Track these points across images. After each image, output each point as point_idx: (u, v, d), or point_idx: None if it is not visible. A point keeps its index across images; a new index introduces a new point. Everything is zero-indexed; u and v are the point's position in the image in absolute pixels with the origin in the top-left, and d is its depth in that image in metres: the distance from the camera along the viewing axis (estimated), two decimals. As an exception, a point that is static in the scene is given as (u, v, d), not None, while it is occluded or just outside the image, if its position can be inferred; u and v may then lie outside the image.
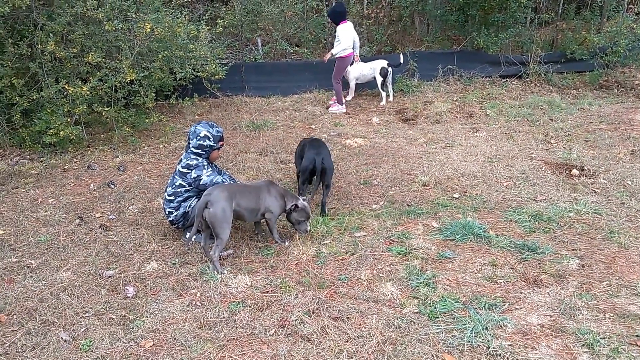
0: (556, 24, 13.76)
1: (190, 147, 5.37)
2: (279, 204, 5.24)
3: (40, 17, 7.62)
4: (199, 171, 5.30)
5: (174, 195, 5.38)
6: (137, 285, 4.63)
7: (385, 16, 14.01)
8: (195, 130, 5.34)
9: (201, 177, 5.29)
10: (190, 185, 5.34)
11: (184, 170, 5.33)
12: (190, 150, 5.39)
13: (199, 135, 5.32)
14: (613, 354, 3.52)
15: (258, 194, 5.16)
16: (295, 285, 4.53)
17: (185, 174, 5.32)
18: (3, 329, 4.07)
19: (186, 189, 5.36)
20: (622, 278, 4.40)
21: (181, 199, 5.38)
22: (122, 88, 8.23)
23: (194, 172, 5.30)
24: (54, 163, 7.75)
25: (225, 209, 4.79)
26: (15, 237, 5.59)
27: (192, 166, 5.31)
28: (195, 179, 5.30)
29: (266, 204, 5.18)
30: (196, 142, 5.33)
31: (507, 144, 8.16)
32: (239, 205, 4.94)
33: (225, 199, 4.81)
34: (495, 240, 5.09)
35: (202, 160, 5.39)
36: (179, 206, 5.39)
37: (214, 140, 5.38)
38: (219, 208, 4.76)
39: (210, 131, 5.37)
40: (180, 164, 5.40)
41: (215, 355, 3.70)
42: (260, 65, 12.02)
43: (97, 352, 3.78)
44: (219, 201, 4.78)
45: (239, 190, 5.07)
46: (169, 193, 5.40)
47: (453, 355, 3.58)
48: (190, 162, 5.32)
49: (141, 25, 7.79)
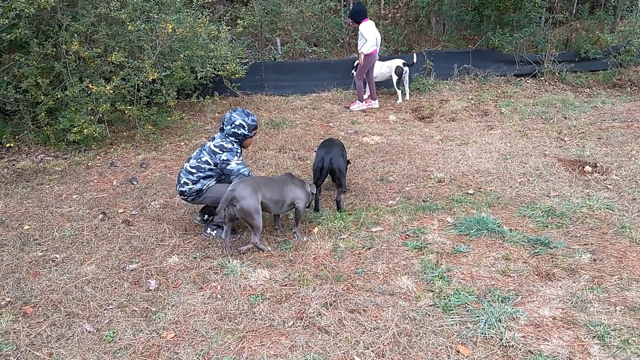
0: (570, 24, 13.71)
1: (226, 131, 5.38)
2: (305, 192, 5.43)
3: (64, 17, 7.72)
4: (231, 156, 5.29)
5: (197, 169, 5.33)
6: (159, 279, 4.72)
7: (402, 16, 14.05)
8: (231, 117, 5.35)
9: (230, 162, 5.28)
10: (216, 166, 5.32)
11: (216, 150, 5.31)
12: (225, 134, 5.39)
13: (234, 123, 5.33)
14: (623, 345, 3.56)
15: (282, 185, 5.29)
16: (313, 278, 4.60)
17: (216, 154, 5.30)
18: (29, 321, 4.17)
19: (210, 167, 5.32)
20: (633, 272, 4.44)
21: (202, 175, 5.34)
22: (144, 87, 8.32)
23: (224, 155, 5.29)
24: (77, 160, 7.86)
25: (253, 202, 4.93)
26: (41, 232, 5.71)
27: (226, 149, 5.30)
28: (223, 162, 5.29)
29: (293, 194, 5.33)
30: (230, 129, 5.33)
31: (521, 142, 8.19)
32: (264, 197, 5.06)
33: (251, 193, 4.94)
34: (508, 235, 5.14)
35: (237, 146, 5.40)
36: (197, 181, 5.34)
37: (248, 129, 5.41)
38: (245, 203, 4.89)
39: (246, 120, 5.39)
40: (213, 142, 5.39)
41: (235, 346, 3.76)
42: (279, 64, 12.09)
43: (120, 343, 3.86)
44: (245, 197, 4.90)
45: (263, 182, 5.18)
46: (191, 165, 5.35)
47: (467, 347, 3.63)
48: (225, 144, 5.32)
49: (163, 25, 7.88)
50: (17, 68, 7.72)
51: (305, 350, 3.69)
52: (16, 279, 4.75)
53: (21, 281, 4.73)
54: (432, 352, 3.60)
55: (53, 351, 3.80)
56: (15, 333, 4.02)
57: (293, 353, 3.66)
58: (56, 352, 3.79)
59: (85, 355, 3.76)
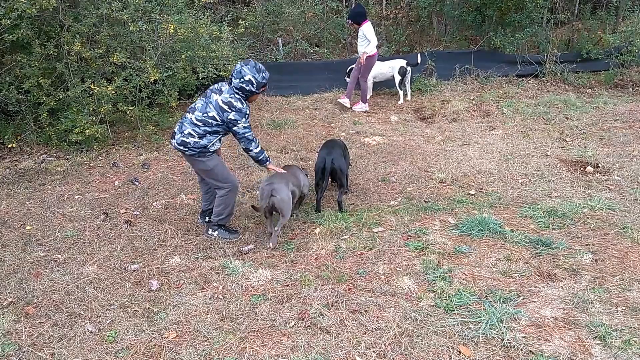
0: (572, 24, 13.73)
1: (233, 83, 5.11)
2: (307, 178, 5.88)
3: (66, 18, 7.73)
4: (239, 116, 5.08)
5: (203, 123, 5.11)
6: (160, 279, 4.74)
7: (404, 17, 14.07)
8: (241, 71, 5.06)
9: (239, 123, 5.10)
10: (223, 122, 5.12)
11: (224, 107, 5.07)
12: (234, 87, 5.13)
13: (244, 77, 5.05)
14: (625, 345, 3.57)
15: (297, 175, 5.78)
16: (314, 279, 4.61)
17: (224, 111, 5.07)
18: (31, 321, 4.18)
19: (217, 123, 5.12)
20: (635, 272, 4.45)
21: (209, 130, 5.14)
22: (146, 87, 8.32)
23: (232, 114, 5.07)
24: (79, 161, 7.87)
25: (289, 194, 5.31)
26: (43, 232, 5.72)
27: (235, 108, 5.07)
28: (231, 121, 5.09)
29: (303, 181, 5.82)
30: (238, 83, 5.06)
31: (523, 142, 8.20)
32: (292, 186, 5.45)
33: (286, 185, 5.32)
34: (510, 235, 5.15)
35: (246, 105, 5.16)
36: (203, 135, 5.14)
37: (257, 86, 5.13)
38: (285, 194, 5.25)
39: (256, 77, 5.09)
40: (220, 95, 5.13)
41: (237, 346, 3.78)
42: (281, 65, 12.09)
43: (122, 343, 3.87)
44: (283, 189, 5.25)
45: (288, 175, 5.56)
46: (197, 117, 5.13)
47: (468, 347, 3.64)
48: (234, 101, 5.07)
49: (165, 26, 7.90)
50: (19, 69, 7.72)
51: (306, 350, 3.70)
52: (18, 279, 4.76)
53: (23, 281, 4.74)
54: (434, 352, 3.61)
55: (55, 351, 3.81)
56: (18, 333, 4.03)
57: (295, 353, 3.67)
58: (58, 353, 3.80)
59: (87, 355, 3.77)
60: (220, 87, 5.24)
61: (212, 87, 5.32)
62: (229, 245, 5.32)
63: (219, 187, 5.41)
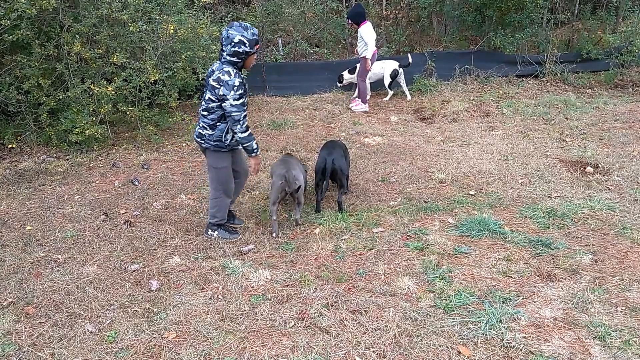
0: (572, 24, 13.72)
1: (225, 55, 4.90)
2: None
3: (66, 19, 7.73)
4: (227, 90, 4.82)
5: (207, 110, 5.04)
6: (160, 279, 4.74)
7: (404, 17, 14.06)
8: (228, 35, 4.82)
9: (227, 98, 4.85)
10: (219, 101, 4.93)
11: (214, 84, 4.89)
12: (224, 60, 4.92)
13: (233, 41, 4.80)
14: (624, 346, 3.57)
15: (299, 163, 6.05)
16: (314, 279, 4.61)
17: (215, 89, 4.90)
18: (31, 321, 4.18)
19: (217, 104, 4.96)
20: (634, 273, 4.45)
21: (215, 117, 5.03)
22: (146, 88, 8.32)
23: (222, 89, 4.84)
24: (79, 161, 7.87)
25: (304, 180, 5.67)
26: (43, 233, 5.72)
27: (222, 81, 4.84)
28: (221, 98, 4.88)
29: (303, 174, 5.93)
30: (231, 49, 4.83)
31: (523, 142, 8.21)
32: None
33: (301, 172, 5.65)
34: (510, 236, 5.15)
35: (235, 75, 4.88)
36: (214, 125, 5.05)
37: (249, 45, 4.88)
38: (302, 180, 5.53)
39: (245, 35, 4.84)
40: (211, 77, 4.95)
41: (237, 346, 3.78)
42: (281, 65, 12.11)
43: (122, 343, 3.88)
44: (300, 175, 5.53)
45: (295, 163, 5.84)
46: (202, 107, 5.10)
47: (468, 347, 3.64)
48: (221, 75, 4.86)
49: (165, 26, 7.90)
50: (19, 69, 7.73)
51: (306, 350, 3.71)
52: (18, 280, 4.76)
53: (23, 282, 4.74)
54: (433, 352, 3.62)
55: (55, 351, 3.82)
56: (18, 333, 4.03)
57: (294, 353, 3.67)
58: (58, 353, 3.80)
59: (87, 355, 3.77)
60: (212, 68, 5.07)
61: (207, 71, 5.21)
62: (228, 246, 5.32)
63: (215, 188, 5.39)
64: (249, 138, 5.11)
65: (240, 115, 4.94)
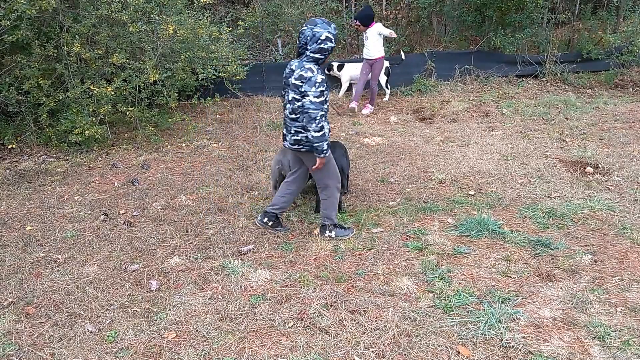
0: (572, 24, 13.71)
1: (308, 53, 4.87)
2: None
3: (66, 19, 7.72)
4: (308, 87, 4.76)
5: (294, 113, 4.99)
6: (160, 279, 4.74)
7: (404, 17, 14.07)
8: (314, 34, 4.80)
9: (308, 94, 4.76)
10: (304, 98, 4.83)
11: (297, 83, 4.84)
12: (306, 57, 4.89)
13: (320, 38, 4.79)
14: (624, 346, 3.58)
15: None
16: (313, 279, 4.62)
17: (298, 87, 4.84)
18: (31, 321, 4.18)
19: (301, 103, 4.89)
20: (634, 273, 4.46)
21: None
22: (145, 88, 8.31)
23: (304, 87, 4.79)
24: (79, 161, 7.87)
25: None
26: (43, 233, 5.72)
27: (305, 78, 4.80)
28: (302, 93, 4.82)
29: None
30: (316, 46, 4.81)
31: (523, 142, 8.21)
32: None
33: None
34: (509, 236, 5.16)
35: (317, 72, 4.83)
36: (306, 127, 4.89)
37: (334, 40, 4.90)
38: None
39: (330, 31, 4.84)
40: (292, 76, 4.92)
41: (236, 346, 3.79)
42: (281, 65, 12.02)
43: (121, 343, 3.88)
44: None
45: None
46: (289, 111, 5.03)
47: (467, 347, 3.65)
48: (303, 72, 4.82)
49: (164, 27, 7.90)
50: (18, 70, 7.73)
51: (305, 350, 3.71)
52: (18, 280, 4.77)
53: (23, 282, 4.74)
54: (433, 352, 3.62)
55: (55, 351, 3.82)
56: (18, 333, 4.04)
57: (294, 353, 3.68)
58: (58, 352, 3.81)
59: (87, 355, 3.78)
60: (290, 67, 5.02)
61: (285, 69, 5.11)
62: (228, 246, 5.32)
63: (326, 185, 5.30)
64: (322, 138, 4.90)
65: (317, 114, 4.80)
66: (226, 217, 5.98)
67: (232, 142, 8.64)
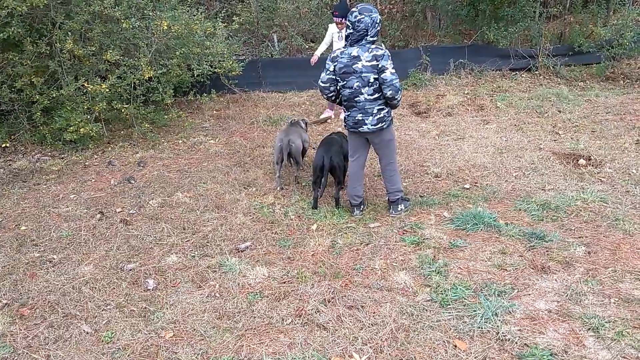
0: (564, 18, 13.74)
1: (368, 38, 5.11)
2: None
3: (58, 15, 7.70)
4: (385, 61, 5.08)
5: (377, 91, 5.21)
6: (157, 278, 4.74)
7: (398, 11, 14.08)
8: (374, 19, 5.10)
9: (387, 68, 5.07)
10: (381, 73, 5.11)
11: (373, 63, 5.09)
12: (366, 42, 5.13)
13: (376, 22, 5.12)
14: (618, 337, 3.60)
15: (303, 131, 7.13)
16: (311, 275, 4.63)
17: (375, 67, 5.10)
18: (26, 322, 4.17)
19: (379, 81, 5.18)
20: (627, 264, 4.48)
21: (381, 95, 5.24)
22: (140, 85, 8.31)
23: (381, 62, 5.07)
24: (74, 159, 7.86)
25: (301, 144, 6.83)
26: (38, 233, 5.71)
27: (380, 56, 5.08)
28: (380, 69, 5.09)
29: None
30: (375, 31, 5.13)
31: (517, 136, 8.23)
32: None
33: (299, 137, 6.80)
34: (504, 229, 5.17)
35: (384, 48, 5.19)
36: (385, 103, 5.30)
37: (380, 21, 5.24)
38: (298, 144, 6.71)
39: (376, 13, 5.19)
40: (359, 62, 5.13)
41: (234, 344, 3.79)
42: (277, 61, 12.12)
43: (118, 344, 3.87)
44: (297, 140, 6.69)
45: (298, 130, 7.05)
46: (369, 93, 5.22)
47: (464, 341, 3.67)
48: (376, 52, 5.09)
49: (158, 23, 7.90)
50: (11, 67, 7.71)
51: (304, 347, 3.72)
52: (13, 281, 4.76)
53: (18, 282, 4.74)
54: (430, 347, 3.64)
55: (51, 353, 3.82)
56: (12, 335, 4.03)
57: (292, 350, 3.69)
58: (54, 354, 3.80)
59: (84, 356, 3.78)
60: (351, 55, 5.20)
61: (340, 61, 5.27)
62: (225, 243, 5.32)
63: (394, 160, 5.71)
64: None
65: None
66: (223, 214, 5.98)
67: (229, 138, 8.64)
